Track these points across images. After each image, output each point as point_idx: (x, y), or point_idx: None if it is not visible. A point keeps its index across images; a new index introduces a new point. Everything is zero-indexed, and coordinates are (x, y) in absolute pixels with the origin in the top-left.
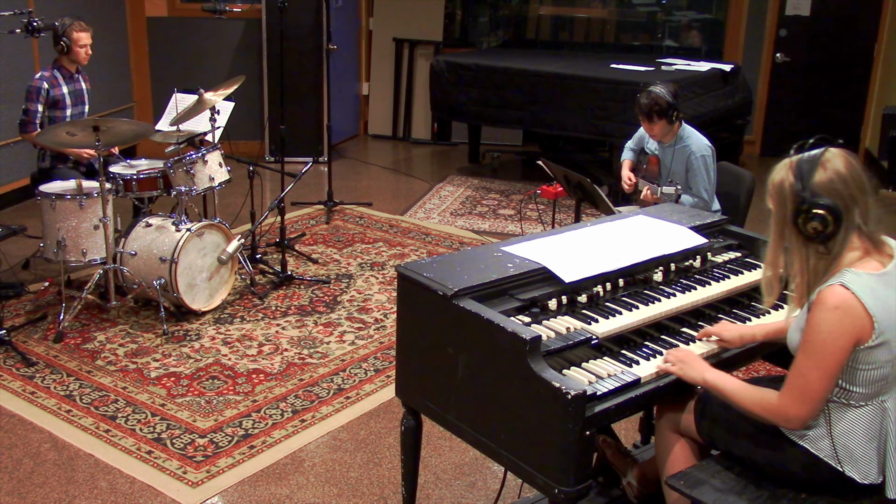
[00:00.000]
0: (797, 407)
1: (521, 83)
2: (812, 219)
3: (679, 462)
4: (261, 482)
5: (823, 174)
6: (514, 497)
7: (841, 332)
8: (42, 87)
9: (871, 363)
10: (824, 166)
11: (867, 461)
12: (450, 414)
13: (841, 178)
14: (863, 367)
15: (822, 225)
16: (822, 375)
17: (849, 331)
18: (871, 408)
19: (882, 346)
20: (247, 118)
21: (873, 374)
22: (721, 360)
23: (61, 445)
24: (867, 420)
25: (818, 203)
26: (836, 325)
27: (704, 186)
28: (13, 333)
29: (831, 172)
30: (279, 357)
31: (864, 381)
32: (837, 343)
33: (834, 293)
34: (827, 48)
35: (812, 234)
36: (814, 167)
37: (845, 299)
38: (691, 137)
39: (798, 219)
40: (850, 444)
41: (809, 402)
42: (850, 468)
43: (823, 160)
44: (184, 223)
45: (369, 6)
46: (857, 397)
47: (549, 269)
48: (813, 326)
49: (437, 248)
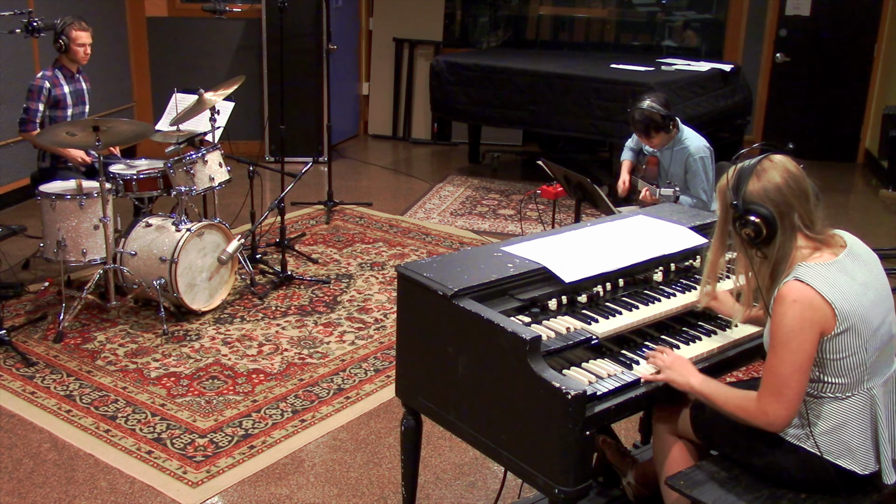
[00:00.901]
0: (775, 405)
1: (521, 83)
2: (745, 225)
3: (677, 464)
4: (261, 482)
5: (757, 183)
6: (514, 497)
7: (803, 325)
8: (44, 87)
9: (842, 351)
10: (759, 175)
11: (865, 452)
12: (450, 414)
13: (775, 186)
14: (835, 356)
15: (754, 231)
16: (792, 369)
17: (811, 322)
18: (858, 397)
19: (848, 331)
20: (247, 118)
21: (849, 362)
22: (721, 361)
23: (61, 445)
24: (857, 410)
25: (751, 210)
26: (798, 318)
27: (703, 187)
28: (13, 333)
29: (765, 181)
30: (279, 357)
31: (841, 370)
32: (802, 335)
33: (790, 288)
34: (827, 48)
35: (747, 239)
36: (749, 176)
37: (802, 292)
38: (689, 139)
39: (735, 224)
40: (845, 437)
41: (785, 399)
42: (848, 461)
43: (759, 169)
44: (184, 223)
45: (369, 6)
46: (841, 388)
47: (549, 269)
48: (776, 323)
49: (437, 248)
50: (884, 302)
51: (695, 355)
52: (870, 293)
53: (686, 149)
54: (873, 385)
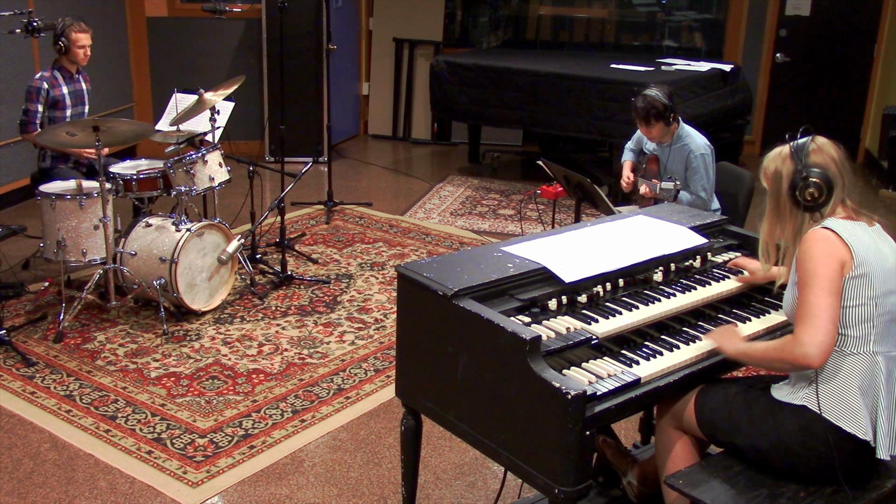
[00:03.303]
0: (810, 332)
1: (521, 83)
2: (809, 186)
3: (680, 459)
4: (261, 482)
5: (818, 155)
6: (514, 497)
7: (827, 256)
8: (42, 87)
9: (855, 297)
10: (819, 149)
11: (862, 414)
12: (450, 414)
13: (831, 157)
14: (850, 303)
15: (817, 191)
16: (822, 295)
17: (833, 254)
18: (864, 357)
19: (863, 277)
20: (247, 118)
21: (859, 312)
22: (721, 361)
23: (61, 445)
24: (861, 370)
25: (814, 173)
26: (821, 252)
27: (703, 185)
28: (13, 333)
29: (824, 153)
30: (279, 357)
31: (853, 320)
32: (827, 265)
33: (815, 232)
34: (827, 48)
35: (808, 199)
36: (809, 150)
37: (825, 234)
38: (690, 136)
39: (796, 188)
40: (846, 395)
41: (821, 324)
42: (849, 423)
43: (816, 144)
44: (184, 223)
45: (369, 6)
46: (851, 342)
47: (549, 269)
48: (801, 260)
49: (437, 248)
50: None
51: (695, 355)
52: (887, 262)
53: (687, 146)
54: (879, 351)
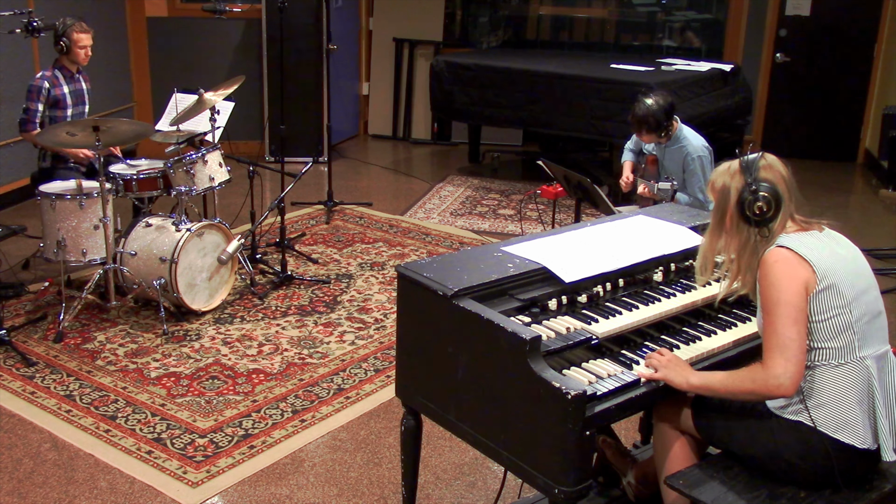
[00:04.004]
0: (780, 362)
1: (521, 83)
2: (757, 200)
3: (678, 459)
4: (261, 482)
5: (767, 171)
6: (514, 497)
7: (789, 279)
8: (43, 87)
9: (826, 311)
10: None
11: (862, 425)
12: (450, 414)
13: (780, 174)
14: (821, 317)
15: (766, 205)
16: (789, 323)
17: (794, 276)
18: (852, 366)
19: (830, 289)
20: (247, 118)
21: (835, 323)
22: (722, 361)
23: (61, 445)
24: (851, 379)
25: (763, 187)
26: (782, 275)
27: (700, 187)
28: (13, 333)
29: (773, 170)
30: (279, 357)
31: (829, 332)
32: (790, 289)
33: (772, 253)
34: (827, 48)
35: (757, 214)
36: (758, 164)
37: (783, 254)
38: (688, 138)
39: (744, 203)
40: (842, 409)
41: (790, 353)
42: (847, 434)
43: (766, 161)
44: (184, 223)
45: (369, 6)
46: (834, 354)
47: (549, 269)
48: (763, 286)
49: (437, 248)
50: (865, 276)
51: (695, 355)
52: (849, 265)
53: (684, 147)
54: (866, 356)
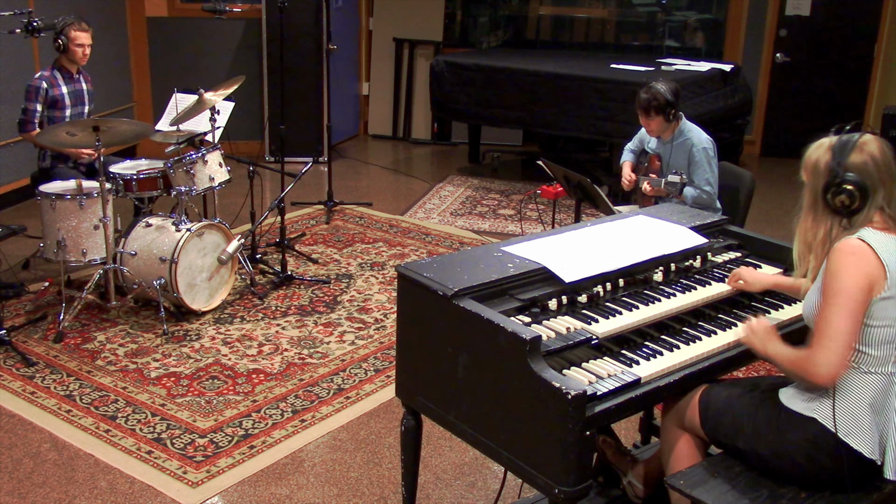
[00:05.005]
0: (824, 353)
1: (521, 83)
2: (841, 192)
3: (683, 458)
4: (261, 482)
5: (859, 155)
6: (514, 497)
7: (857, 274)
8: (41, 87)
9: (883, 318)
10: (861, 149)
11: (871, 434)
12: (450, 414)
13: (874, 160)
14: (875, 322)
15: (849, 199)
16: (844, 316)
17: (864, 272)
18: (880, 377)
19: (893, 299)
20: (247, 118)
21: (885, 333)
22: (722, 360)
23: (61, 445)
24: (875, 389)
25: (848, 179)
26: (853, 268)
27: (707, 179)
28: (13, 333)
29: (866, 155)
30: (279, 357)
31: (876, 340)
32: (855, 283)
33: (849, 243)
34: (827, 48)
35: (839, 206)
36: (851, 148)
37: (860, 247)
38: (692, 132)
39: (828, 192)
40: (858, 413)
41: (835, 346)
42: (857, 440)
43: (860, 143)
44: (184, 223)
45: (369, 6)
46: (870, 361)
47: (549, 269)
48: (830, 272)
49: (437, 248)
50: None
51: (695, 355)
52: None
53: (689, 140)
54: (894, 372)
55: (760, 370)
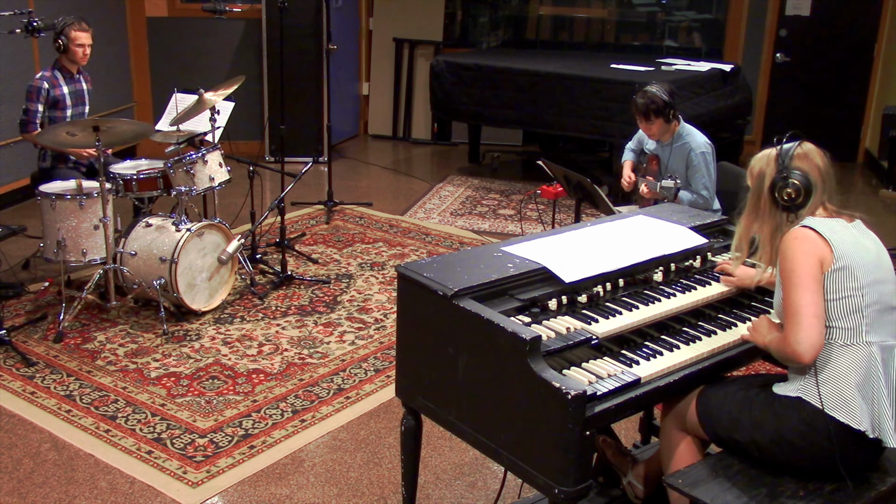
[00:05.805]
0: (796, 331)
1: (521, 83)
2: (787, 186)
3: (683, 459)
4: (261, 482)
5: (802, 158)
6: (514, 497)
7: (805, 253)
8: (42, 87)
9: (840, 290)
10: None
11: (858, 407)
12: (450, 414)
13: (814, 162)
14: (834, 296)
15: (795, 193)
16: (801, 291)
17: (811, 252)
18: (857, 348)
19: (844, 269)
20: (247, 118)
21: (847, 304)
22: (723, 360)
23: (61, 445)
24: (855, 361)
25: (794, 175)
26: (800, 250)
27: (704, 184)
28: (13, 333)
29: (808, 157)
30: (279, 357)
31: (841, 312)
32: (806, 261)
33: (793, 231)
34: (827, 48)
35: (786, 199)
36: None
37: (804, 232)
38: (691, 135)
39: (775, 188)
40: (842, 387)
41: (805, 321)
42: (845, 414)
43: (803, 149)
44: (184, 223)
45: (369, 6)
46: (843, 335)
47: (549, 269)
48: (782, 259)
49: (437, 248)
50: (884, 269)
51: (695, 355)
52: (869, 254)
53: (687, 144)
54: (872, 342)
55: (760, 370)
